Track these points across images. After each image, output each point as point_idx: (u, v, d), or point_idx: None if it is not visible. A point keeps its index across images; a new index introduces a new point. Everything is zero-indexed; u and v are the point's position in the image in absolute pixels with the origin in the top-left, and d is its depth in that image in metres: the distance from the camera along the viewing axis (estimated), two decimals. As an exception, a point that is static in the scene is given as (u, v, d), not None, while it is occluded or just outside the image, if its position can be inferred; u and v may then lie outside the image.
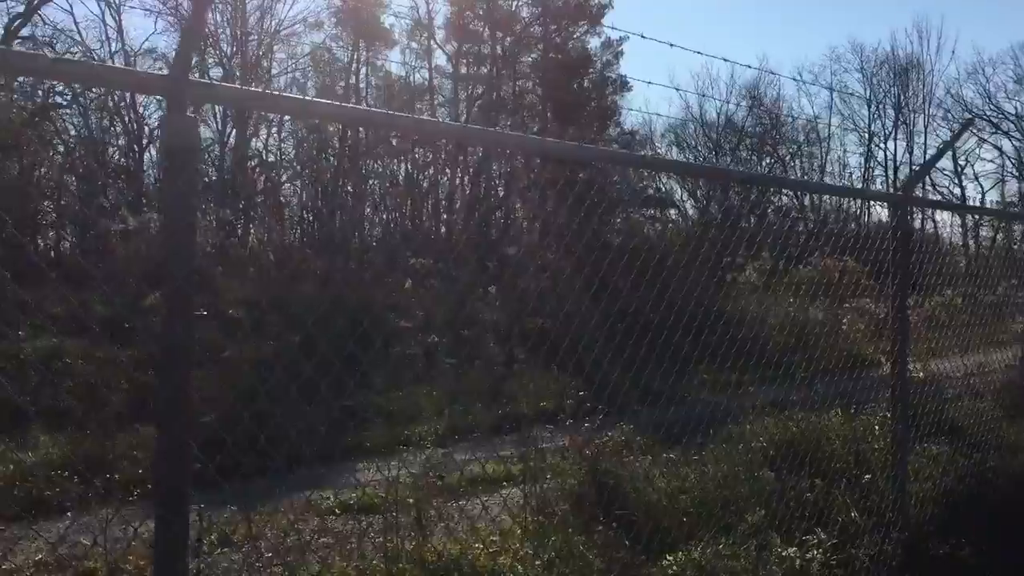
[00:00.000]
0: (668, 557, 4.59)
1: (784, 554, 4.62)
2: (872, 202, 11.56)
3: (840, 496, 5.58)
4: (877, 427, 6.38)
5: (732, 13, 67.56)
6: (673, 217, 43.05)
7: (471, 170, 32.49)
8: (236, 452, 6.96)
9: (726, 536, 4.85)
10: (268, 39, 33.45)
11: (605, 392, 5.42)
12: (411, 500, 6.03)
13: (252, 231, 25.52)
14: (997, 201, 50.47)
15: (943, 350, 8.58)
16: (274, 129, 35.17)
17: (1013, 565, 5.29)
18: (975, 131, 51.43)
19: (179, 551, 2.47)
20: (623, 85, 34.30)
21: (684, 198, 46.75)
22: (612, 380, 5.22)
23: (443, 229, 31.63)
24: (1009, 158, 51.18)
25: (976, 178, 52.59)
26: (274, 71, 34.93)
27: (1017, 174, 51.24)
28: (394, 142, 34.42)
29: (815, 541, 4.95)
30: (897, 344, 5.22)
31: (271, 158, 34.89)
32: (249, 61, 34.36)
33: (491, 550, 4.85)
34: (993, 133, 52.24)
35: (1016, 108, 51.56)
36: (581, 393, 6.55)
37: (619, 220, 33.43)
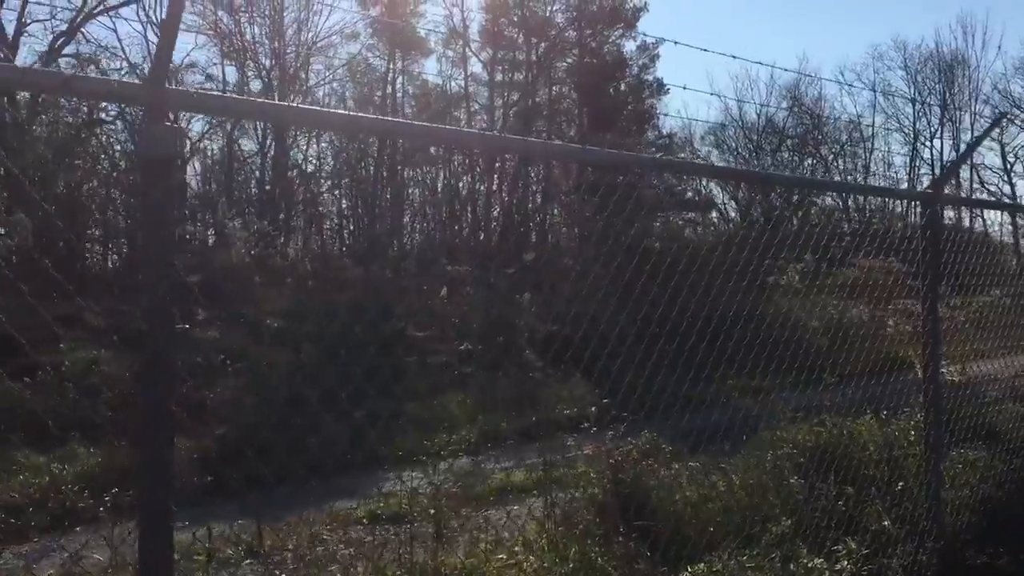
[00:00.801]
0: (689, 569, 4.47)
1: (811, 565, 4.47)
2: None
3: (872, 504, 5.40)
4: (912, 432, 6.16)
5: (771, 11, 66.81)
6: (714, 220, 42.72)
7: (509, 176, 32.46)
8: (260, 462, 6.97)
9: (750, 547, 4.71)
10: (305, 51, 33.69)
11: (632, 398, 5.33)
12: (432, 511, 5.96)
13: (293, 241, 25.67)
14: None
15: (987, 352, 8.35)
16: (314, 140, 35.52)
17: (1055, 575, 5.09)
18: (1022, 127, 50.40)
19: (164, 566, 2.43)
20: (659, 88, 34.09)
21: (725, 200, 46.43)
22: (640, 386, 5.15)
23: (481, 236, 31.63)
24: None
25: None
26: (311, 82, 35.21)
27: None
28: (432, 150, 34.63)
29: (845, 551, 4.80)
30: (929, 347, 5.04)
31: (310, 168, 35.22)
32: (287, 74, 34.72)
33: (502, 563, 4.76)
34: (1043, 128, 51.17)
35: (1067, 103, 50.42)
36: (605, 400, 6.42)
37: (658, 224, 33.18)
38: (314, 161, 35.71)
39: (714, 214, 44.29)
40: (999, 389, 7.68)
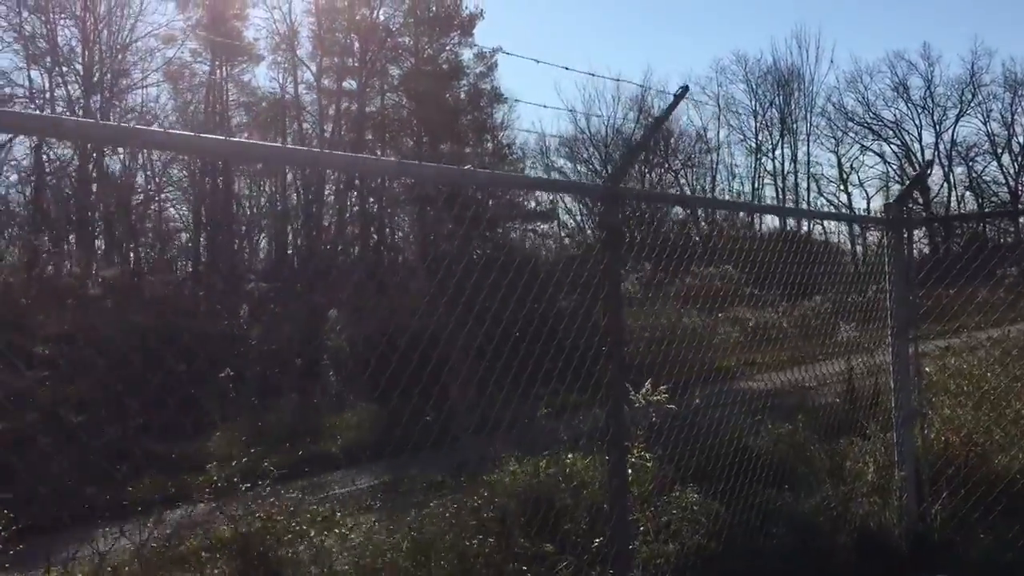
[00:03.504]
0: None
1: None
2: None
3: (565, 569, 4.40)
4: (630, 471, 5.19)
5: (616, 24, 67.41)
6: (565, 231, 42.42)
7: (341, 186, 30.96)
8: None
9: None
10: (116, 55, 31.25)
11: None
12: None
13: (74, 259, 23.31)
14: (876, 208, 51.45)
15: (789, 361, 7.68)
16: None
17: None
18: (857, 139, 52.49)
19: None
20: (498, 97, 33.27)
21: (584, 213, 46.28)
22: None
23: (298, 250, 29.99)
24: (890, 164, 52.18)
25: (861, 184, 53.50)
26: (124, 87, 32.67)
27: (899, 179, 52.22)
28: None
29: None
30: (610, 371, 4.07)
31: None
32: (105, 79, 32.16)
33: None
34: (875, 140, 53.36)
35: (895, 115, 52.73)
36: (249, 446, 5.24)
37: (499, 235, 32.37)
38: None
39: (570, 223, 44.22)
40: (759, 408, 6.90)
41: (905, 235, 6.49)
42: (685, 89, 4.01)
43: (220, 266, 23.12)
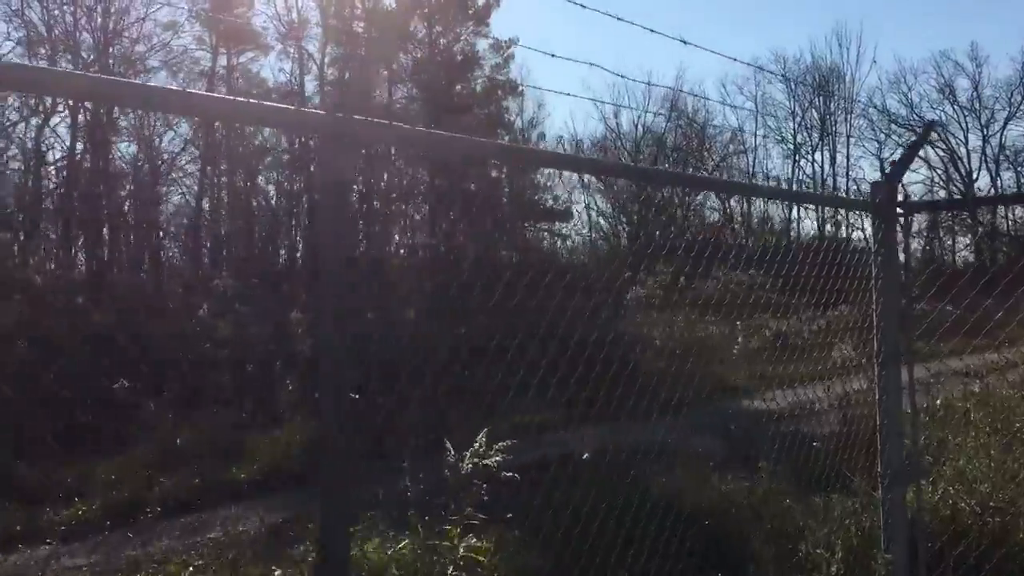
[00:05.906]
0: None
1: None
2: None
3: None
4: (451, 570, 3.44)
5: (648, 19, 64.92)
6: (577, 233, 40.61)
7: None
8: None
9: None
10: (119, 38, 30.07)
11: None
12: None
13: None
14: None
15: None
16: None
17: None
18: (900, 142, 49.78)
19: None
20: (512, 88, 31.55)
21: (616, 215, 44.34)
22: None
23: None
24: (935, 169, 49.41)
25: (903, 188, 50.77)
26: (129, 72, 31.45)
27: (944, 184, 49.47)
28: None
29: None
30: (323, 421, 2.38)
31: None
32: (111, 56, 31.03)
33: None
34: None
35: (940, 117, 49.88)
36: None
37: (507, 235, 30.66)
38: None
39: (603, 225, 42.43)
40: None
41: (901, 222, 4.70)
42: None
43: (189, 261, 21.67)
